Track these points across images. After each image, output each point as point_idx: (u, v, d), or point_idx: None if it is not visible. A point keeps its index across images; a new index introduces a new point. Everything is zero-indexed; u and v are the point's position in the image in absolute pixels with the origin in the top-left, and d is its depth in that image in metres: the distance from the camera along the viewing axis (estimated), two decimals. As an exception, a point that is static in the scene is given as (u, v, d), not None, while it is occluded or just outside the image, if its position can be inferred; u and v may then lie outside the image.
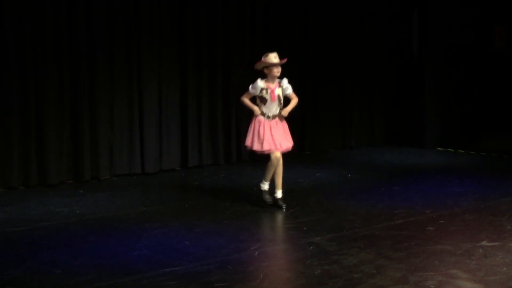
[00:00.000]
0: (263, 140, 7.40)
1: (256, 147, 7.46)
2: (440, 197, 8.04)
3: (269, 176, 7.58)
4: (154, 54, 9.72)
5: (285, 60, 7.46)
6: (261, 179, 7.64)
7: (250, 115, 7.71)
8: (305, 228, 6.74)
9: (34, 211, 7.66)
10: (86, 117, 9.22)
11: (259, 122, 7.47)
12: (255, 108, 7.53)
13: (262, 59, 7.42)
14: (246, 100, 7.62)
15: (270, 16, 10.81)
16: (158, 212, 7.56)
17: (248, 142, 7.58)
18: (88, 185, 9.00)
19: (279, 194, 7.62)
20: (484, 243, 6.14)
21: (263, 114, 7.46)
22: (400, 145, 11.90)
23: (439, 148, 11.67)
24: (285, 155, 7.63)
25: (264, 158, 9.71)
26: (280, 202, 7.60)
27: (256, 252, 5.98)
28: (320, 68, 11.42)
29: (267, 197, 7.62)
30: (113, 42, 9.39)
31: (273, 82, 7.44)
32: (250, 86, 7.52)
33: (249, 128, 7.59)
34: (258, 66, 7.49)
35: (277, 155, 7.45)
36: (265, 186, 7.64)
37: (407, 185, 8.80)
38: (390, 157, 11.05)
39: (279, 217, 7.24)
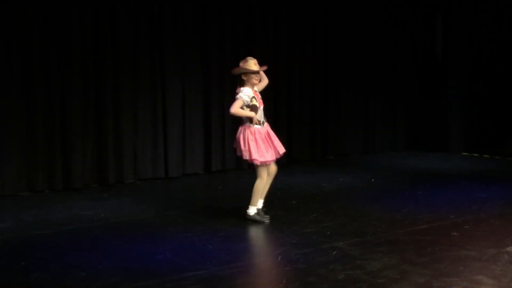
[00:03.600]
0: (266, 151, 6.89)
1: (271, 157, 6.96)
2: (465, 202, 7.97)
3: (261, 196, 7.11)
4: (177, 59, 9.78)
5: (265, 68, 7.02)
6: (248, 205, 7.08)
7: (272, 120, 7.35)
8: (328, 233, 6.72)
9: (59, 214, 7.73)
10: (110, 121, 9.31)
11: (260, 134, 6.91)
12: (253, 113, 6.88)
13: (241, 64, 6.88)
14: (241, 110, 6.87)
15: (292, 20, 10.82)
16: (182, 216, 7.58)
17: (261, 158, 6.88)
18: (113, 189, 9.08)
19: (260, 204, 7.22)
20: (510, 249, 6.07)
21: (258, 122, 6.93)
22: (424, 150, 11.83)
23: (464, 153, 11.58)
24: (307, 160, 7.57)
25: (287, 162, 9.71)
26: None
27: (279, 257, 5.97)
28: (343, 73, 11.40)
29: (262, 216, 7.13)
30: (137, 46, 9.47)
31: (253, 89, 6.95)
32: (242, 94, 6.84)
33: (249, 143, 6.87)
34: (236, 71, 6.91)
35: (273, 167, 7.10)
36: (254, 209, 7.11)
37: (431, 190, 8.74)
38: (414, 162, 10.98)
39: (302, 222, 7.22)
